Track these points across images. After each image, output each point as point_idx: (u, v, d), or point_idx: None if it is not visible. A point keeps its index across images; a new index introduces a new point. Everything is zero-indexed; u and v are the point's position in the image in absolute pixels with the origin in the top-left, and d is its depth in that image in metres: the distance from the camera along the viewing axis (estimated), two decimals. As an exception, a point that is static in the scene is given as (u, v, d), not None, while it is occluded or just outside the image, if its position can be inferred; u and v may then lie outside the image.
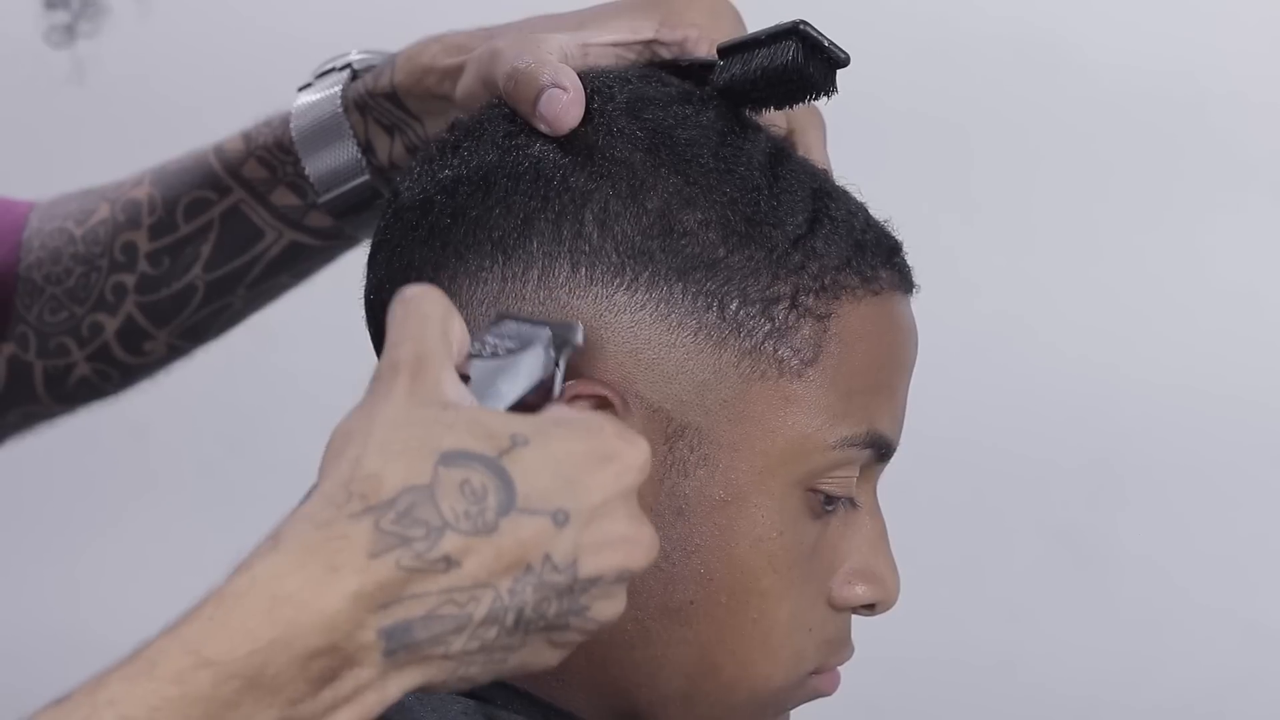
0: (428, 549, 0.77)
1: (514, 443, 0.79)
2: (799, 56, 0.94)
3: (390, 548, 0.76)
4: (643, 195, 0.91)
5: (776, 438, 0.91)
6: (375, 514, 0.76)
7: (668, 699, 0.94)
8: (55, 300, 1.25)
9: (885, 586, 0.96)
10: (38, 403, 1.28)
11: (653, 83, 0.96)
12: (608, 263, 0.90)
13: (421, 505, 0.77)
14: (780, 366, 0.91)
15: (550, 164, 0.92)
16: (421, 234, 0.94)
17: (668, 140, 0.93)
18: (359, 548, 0.76)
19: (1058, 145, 1.96)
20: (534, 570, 0.78)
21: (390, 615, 0.76)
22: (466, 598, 0.77)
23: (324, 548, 0.76)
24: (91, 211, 1.25)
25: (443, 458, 0.78)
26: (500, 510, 0.78)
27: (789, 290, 0.92)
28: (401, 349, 0.81)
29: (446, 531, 0.77)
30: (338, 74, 1.15)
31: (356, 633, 0.76)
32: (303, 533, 0.77)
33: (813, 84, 0.95)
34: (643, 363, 0.90)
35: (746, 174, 0.93)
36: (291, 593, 0.75)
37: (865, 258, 0.94)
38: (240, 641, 0.75)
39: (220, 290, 1.22)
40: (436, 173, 0.95)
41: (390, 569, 0.76)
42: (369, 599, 0.76)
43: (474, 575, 0.77)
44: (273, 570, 0.76)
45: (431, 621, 0.77)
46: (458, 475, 0.78)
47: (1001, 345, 1.99)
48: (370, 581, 0.76)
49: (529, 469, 0.79)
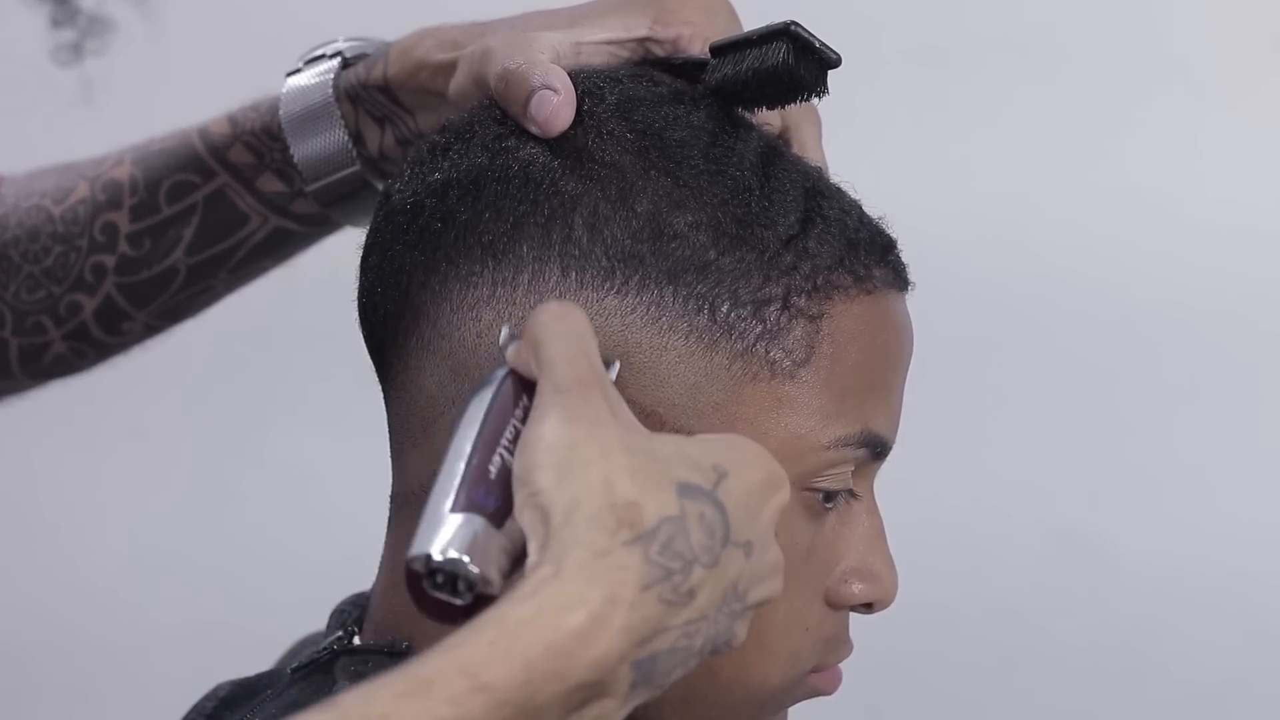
0: (682, 582, 0.78)
1: (719, 474, 0.81)
2: (789, 58, 0.94)
3: (657, 580, 0.78)
4: (632, 199, 0.91)
5: (769, 440, 0.91)
6: (643, 544, 0.78)
7: (664, 700, 0.92)
8: (33, 279, 1.24)
9: (883, 585, 0.96)
10: (11, 378, 1.28)
11: (643, 82, 0.96)
12: (597, 267, 0.90)
13: (679, 538, 0.79)
14: (772, 368, 0.91)
15: (539, 167, 0.92)
16: (412, 238, 0.94)
17: (658, 142, 0.93)
18: (634, 581, 0.77)
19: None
20: (728, 599, 0.81)
21: (646, 649, 0.78)
22: (695, 630, 0.79)
23: (605, 578, 0.77)
24: (70, 190, 1.24)
25: (680, 489, 0.80)
26: (723, 543, 0.80)
27: (781, 291, 0.91)
28: (577, 365, 0.82)
29: (695, 566, 0.79)
30: (328, 61, 1.14)
31: (619, 668, 0.77)
32: (582, 560, 0.77)
33: (803, 85, 0.94)
34: (634, 366, 0.90)
35: (738, 174, 0.93)
36: (575, 627, 0.76)
37: (859, 256, 0.93)
38: (519, 671, 0.75)
39: (202, 274, 1.21)
40: (427, 175, 0.95)
41: (654, 602, 0.77)
42: (635, 634, 0.77)
43: (702, 608, 0.79)
44: (557, 602, 0.76)
45: (672, 654, 0.79)
46: (696, 509, 0.79)
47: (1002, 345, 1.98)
48: (638, 617, 0.77)
49: (735, 502, 0.81)
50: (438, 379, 0.92)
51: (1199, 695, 1.96)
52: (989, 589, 1.98)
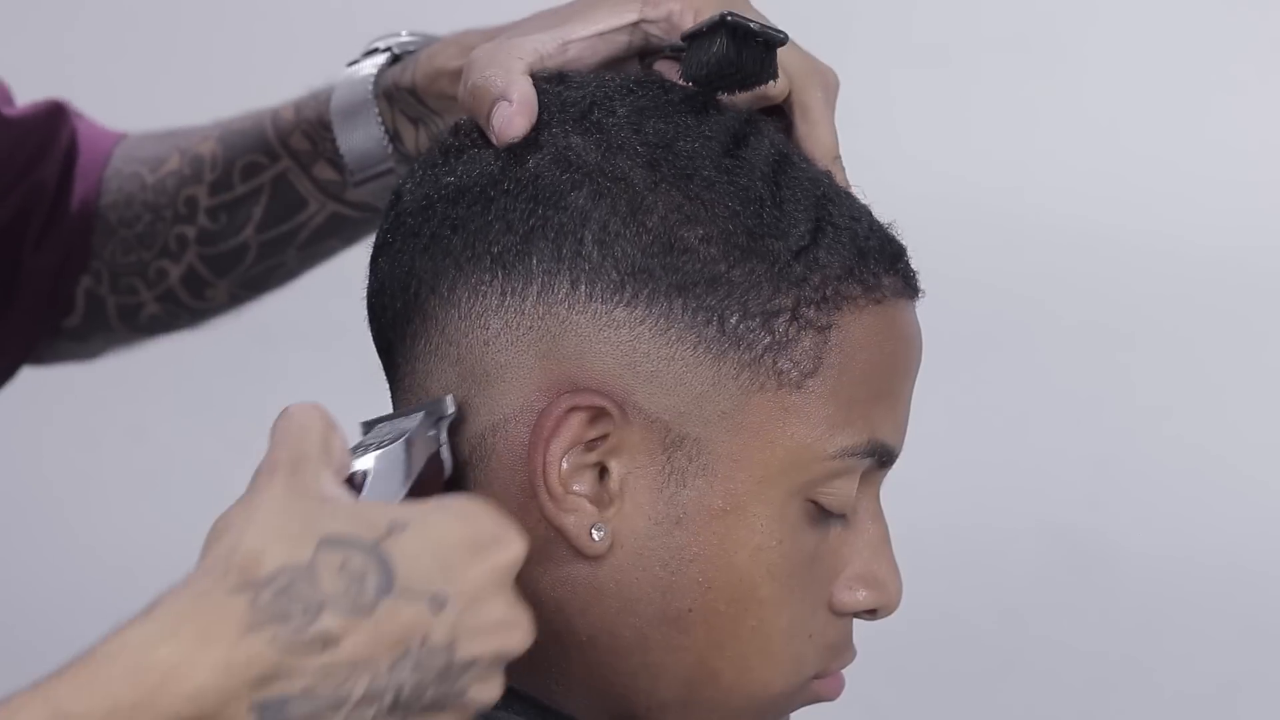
0: (305, 624, 0.77)
1: (391, 529, 0.80)
2: (728, 49, 0.93)
3: (265, 622, 0.76)
4: (643, 214, 0.91)
5: (775, 448, 0.91)
6: (253, 590, 0.77)
7: (666, 705, 0.93)
8: (126, 242, 1.30)
9: (887, 591, 0.96)
10: (113, 332, 1.33)
11: (654, 90, 0.96)
12: (608, 280, 0.90)
13: (300, 583, 0.77)
14: (779, 378, 0.91)
15: (550, 180, 0.92)
16: (422, 241, 0.94)
17: (668, 154, 0.92)
18: (234, 621, 0.76)
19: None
20: (411, 653, 0.79)
21: (266, 690, 0.76)
22: (344, 676, 0.78)
23: (198, 618, 0.76)
24: (164, 160, 1.29)
25: (322, 541, 0.78)
26: (379, 592, 0.78)
27: (790, 303, 0.91)
28: (279, 452, 0.82)
29: (325, 610, 0.77)
30: (380, 56, 1.17)
31: (228, 706, 0.76)
32: (178, 602, 0.76)
33: (748, 71, 0.94)
34: (641, 375, 0.90)
35: (748, 184, 0.92)
36: (161, 659, 0.75)
37: (868, 265, 0.93)
38: (100, 699, 0.74)
39: (272, 250, 1.26)
40: (439, 178, 0.95)
41: (265, 643, 0.76)
42: (241, 672, 0.76)
43: (352, 654, 0.78)
44: (144, 637, 0.76)
45: (308, 699, 0.77)
46: (336, 558, 0.78)
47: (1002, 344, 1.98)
48: (243, 655, 0.76)
49: (407, 554, 0.79)
50: (443, 384, 0.93)
51: (1199, 695, 1.96)
52: (989, 589, 1.98)
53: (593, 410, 0.90)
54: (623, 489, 0.91)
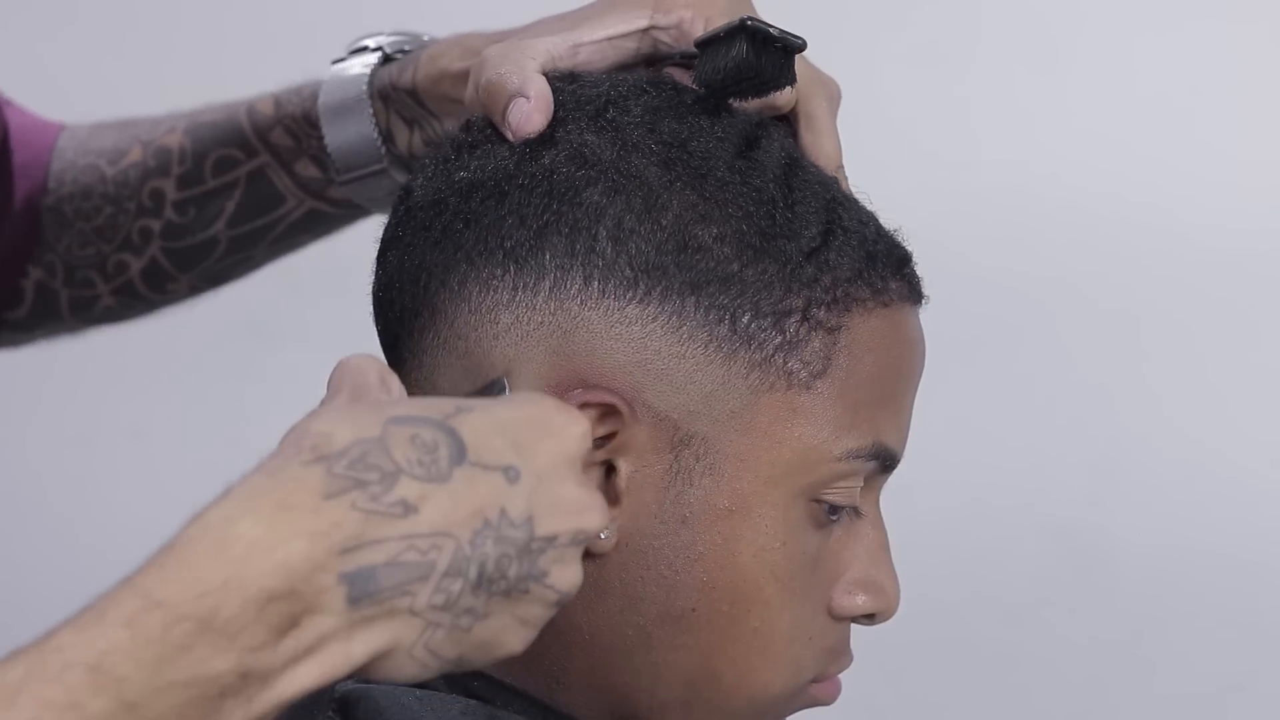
0: (383, 491, 0.77)
1: (459, 409, 0.81)
2: (748, 53, 0.93)
3: (344, 489, 0.76)
4: (657, 212, 0.91)
5: (782, 449, 0.91)
6: (327, 461, 0.77)
7: (667, 704, 0.94)
8: (84, 236, 1.28)
9: (886, 596, 0.96)
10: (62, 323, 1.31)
11: (668, 91, 0.96)
12: (621, 277, 0.90)
13: (374, 453, 0.77)
14: (789, 379, 0.91)
15: (564, 176, 0.92)
16: (434, 235, 0.94)
17: (682, 153, 0.92)
18: (312, 489, 0.76)
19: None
20: (492, 524, 0.79)
21: (353, 560, 0.76)
22: (428, 545, 0.78)
23: (276, 491, 0.76)
24: (124, 152, 1.27)
25: (390, 420, 0.79)
26: (452, 461, 0.79)
27: (801, 304, 0.91)
28: (339, 386, 0.83)
29: (401, 476, 0.77)
30: (370, 55, 1.16)
31: (315, 575, 0.75)
32: (253, 481, 0.76)
33: (767, 76, 0.94)
34: (651, 372, 0.90)
35: (761, 185, 0.93)
36: (242, 533, 0.74)
37: (876, 269, 0.94)
38: (190, 584, 0.74)
39: (242, 245, 1.25)
40: (452, 173, 0.95)
41: (345, 510, 0.76)
42: (325, 539, 0.75)
43: (433, 522, 0.78)
44: (223, 516, 0.75)
45: (395, 569, 0.77)
46: (407, 431, 0.79)
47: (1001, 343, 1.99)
48: (325, 521, 0.76)
49: (476, 429, 0.80)
50: (451, 377, 0.93)
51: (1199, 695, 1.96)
52: (989, 588, 1.99)
53: (602, 407, 0.90)
54: (629, 487, 0.91)
